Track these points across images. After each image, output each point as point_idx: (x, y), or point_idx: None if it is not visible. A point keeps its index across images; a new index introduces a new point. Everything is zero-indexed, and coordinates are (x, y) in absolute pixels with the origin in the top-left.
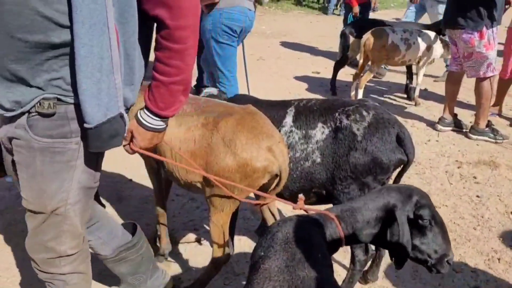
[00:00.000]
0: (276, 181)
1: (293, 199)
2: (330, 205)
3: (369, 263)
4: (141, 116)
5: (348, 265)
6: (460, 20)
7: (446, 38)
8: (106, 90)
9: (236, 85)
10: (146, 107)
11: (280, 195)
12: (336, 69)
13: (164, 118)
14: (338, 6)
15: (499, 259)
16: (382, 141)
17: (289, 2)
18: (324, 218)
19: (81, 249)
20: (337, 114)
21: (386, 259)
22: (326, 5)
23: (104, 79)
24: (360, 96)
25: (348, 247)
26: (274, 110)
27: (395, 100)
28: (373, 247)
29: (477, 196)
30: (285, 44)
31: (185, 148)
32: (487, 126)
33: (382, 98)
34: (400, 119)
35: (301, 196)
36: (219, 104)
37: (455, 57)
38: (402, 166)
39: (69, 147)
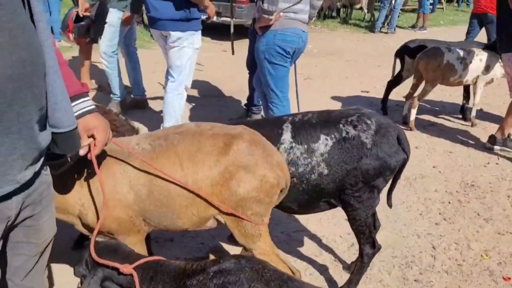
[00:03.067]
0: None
1: (302, 210)
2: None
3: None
4: (85, 107)
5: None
6: (506, 43)
7: None
8: (68, 100)
9: (288, 105)
10: (76, 96)
11: (289, 208)
12: (389, 89)
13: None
14: (386, 23)
15: None
16: (389, 146)
17: (335, 21)
18: None
19: None
20: (341, 125)
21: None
22: (374, 22)
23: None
24: (413, 117)
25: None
26: (265, 128)
27: (449, 120)
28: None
29: None
30: (332, 63)
31: (202, 182)
32: None
33: (436, 119)
34: (455, 140)
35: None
36: (218, 128)
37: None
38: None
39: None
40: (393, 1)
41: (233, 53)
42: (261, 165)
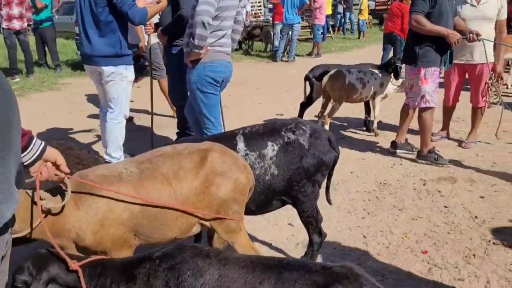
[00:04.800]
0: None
1: (259, 210)
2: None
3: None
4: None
5: None
6: (407, 57)
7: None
8: None
9: (221, 130)
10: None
11: (248, 210)
12: (302, 109)
13: None
14: (286, 53)
15: (474, 255)
16: (322, 146)
17: (239, 53)
18: None
19: None
20: (282, 132)
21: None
22: (274, 52)
23: None
24: None
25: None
26: (222, 141)
27: (356, 133)
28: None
29: (445, 207)
30: (244, 91)
31: (189, 193)
32: (429, 151)
33: (345, 133)
34: (364, 149)
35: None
36: (191, 147)
37: (406, 91)
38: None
39: None
40: (290, 33)
41: (151, 88)
42: (233, 169)
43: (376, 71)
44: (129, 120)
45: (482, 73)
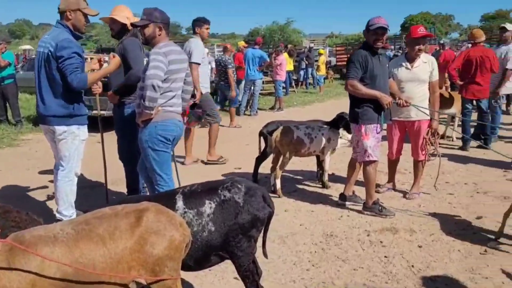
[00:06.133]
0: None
1: (198, 266)
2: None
3: None
4: None
5: None
6: (351, 116)
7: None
8: None
9: (173, 186)
10: None
11: (187, 266)
12: (258, 164)
13: None
14: (249, 107)
15: None
16: (257, 202)
17: None
18: None
19: None
20: (219, 190)
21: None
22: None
23: None
24: (279, 185)
25: None
26: (163, 200)
27: (309, 185)
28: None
29: (385, 257)
30: (206, 146)
31: (123, 252)
32: (374, 203)
33: (299, 185)
34: (315, 201)
35: None
36: (129, 207)
37: (353, 146)
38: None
39: None
40: (252, 88)
41: (102, 145)
42: (168, 228)
43: (324, 127)
44: None
45: (420, 129)
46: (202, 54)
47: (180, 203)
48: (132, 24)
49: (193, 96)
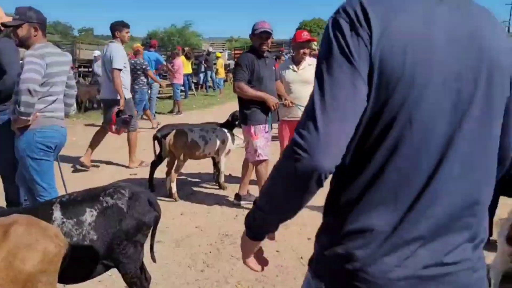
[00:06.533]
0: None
1: (82, 277)
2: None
3: None
4: None
5: None
6: (241, 118)
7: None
8: None
9: (56, 195)
10: None
11: (68, 276)
12: (153, 168)
13: None
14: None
15: None
16: (141, 207)
17: (98, 112)
18: None
19: None
20: (101, 197)
21: None
22: None
23: None
24: (174, 189)
25: None
26: (39, 211)
27: (206, 187)
28: None
29: (277, 251)
30: (99, 154)
31: None
32: None
33: (196, 188)
34: (212, 203)
35: None
36: None
37: (246, 147)
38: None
39: None
40: (149, 91)
41: None
42: (41, 240)
43: (218, 129)
44: None
45: None
46: (123, 59)
47: (57, 213)
48: (3, 24)
49: (118, 103)
